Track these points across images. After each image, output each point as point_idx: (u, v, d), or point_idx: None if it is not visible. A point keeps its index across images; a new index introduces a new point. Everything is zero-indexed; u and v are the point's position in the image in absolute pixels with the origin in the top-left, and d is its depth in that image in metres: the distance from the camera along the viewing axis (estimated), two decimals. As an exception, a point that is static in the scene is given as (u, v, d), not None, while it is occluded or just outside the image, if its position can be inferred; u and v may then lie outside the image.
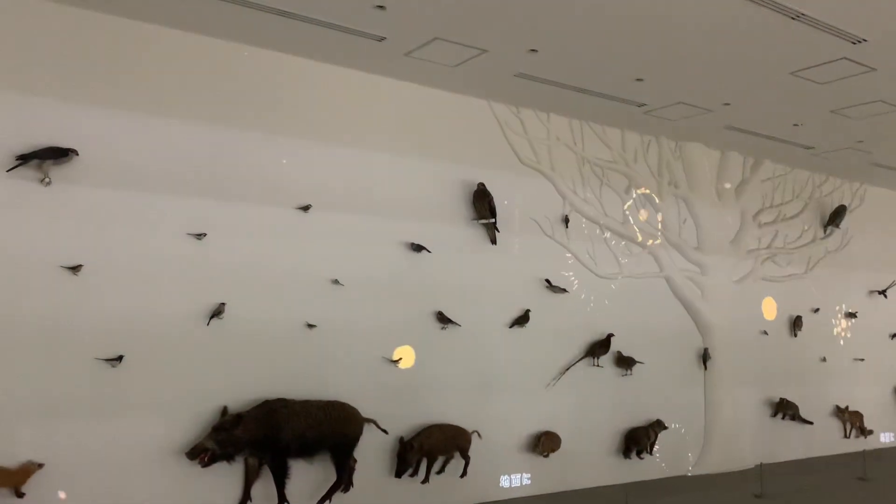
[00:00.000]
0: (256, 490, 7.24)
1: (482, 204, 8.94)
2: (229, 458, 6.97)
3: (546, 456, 9.24)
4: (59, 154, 6.47)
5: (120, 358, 6.64)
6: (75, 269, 6.52)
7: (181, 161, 7.19)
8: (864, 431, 13.25)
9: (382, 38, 7.39)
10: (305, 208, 7.81)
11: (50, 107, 6.58)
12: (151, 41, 7.13)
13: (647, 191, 10.79)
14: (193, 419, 6.99)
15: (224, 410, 7.07)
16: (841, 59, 7.75)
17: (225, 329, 7.24)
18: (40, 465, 6.19)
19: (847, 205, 13.45)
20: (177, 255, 7.07)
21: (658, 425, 10.36)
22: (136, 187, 6.92)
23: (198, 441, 6.86)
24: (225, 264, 7.31)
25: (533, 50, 7.66)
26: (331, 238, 7.96)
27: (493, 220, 8.99)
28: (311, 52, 7.82)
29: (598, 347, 9.94)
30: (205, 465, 6.82)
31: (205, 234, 7.21)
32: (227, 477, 7.10)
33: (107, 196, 6.76)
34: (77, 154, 6.57)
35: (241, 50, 7.60)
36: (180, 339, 7.00)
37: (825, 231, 13.20)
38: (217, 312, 7.16)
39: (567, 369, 9.67)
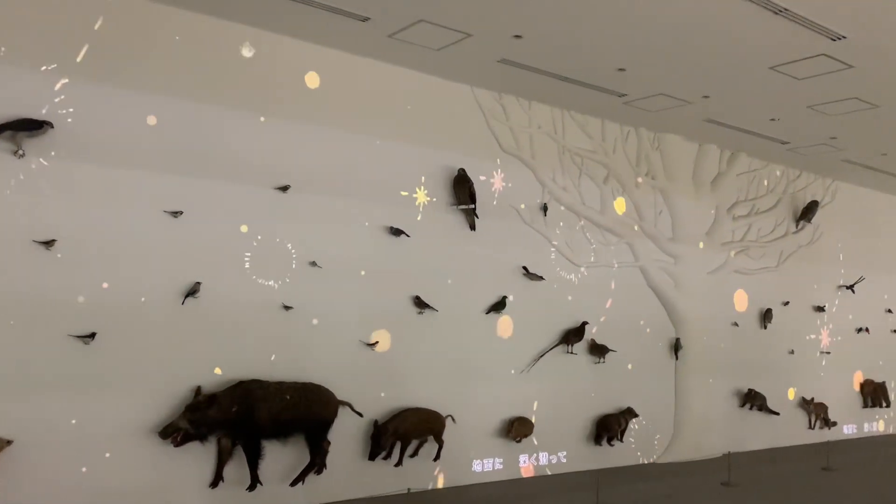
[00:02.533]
0: (229, 470, 7.21)
1: (462, 190, 8.94)
2: (202, 438, 6.93)
3: (518, 441, 9.32)
4: (33, 126, 6.34)
5: (93, 335, 6.55)
6: (48, 243, 6.40)
7: (159, 137, 7.08)
8: (828, 423, 13.55)
9: (366, 19, 7.32)
10: (284, 189, 7.74)
11: (25, 78, 6.43)
12: (130, 14, 6.98)
13: (625, 180, 10.86)
14: (166, 398, 6.93)
15: (198, 390, 7.02)
16: (820, 55, 7.85)
17: (200, 308, 7.17)
18: (9, 442, 6.09)
19: (819, 200, 13.68)
20: (152, 232, 6.97)
21: (629, 413, 10.49)
22: (112, 162, 6.80)
23: (170, 420, 6.81)
24: (201, 243, 7.23)
25: (517, 36, 7.65)
26: (309, 219, 7.91)
27: (472, 206, 9.00)
28: (294, 31, 7.73)
29: (573, 335, 10.02)
30: (177, 444, 6.79)
31: (181, 212, 7.11)
32: (199, 457, 7.06)
33: (82, 170, 6.64)
34: (52, 126, 6.44)
35: (222, 26, 7.49)
36: (155, 317, 6.92)
37: (797, 226, 13.41)
38: (192, 291, 7.08)
39: (541, 356, 9.73)
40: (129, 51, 6.98)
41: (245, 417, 7.07)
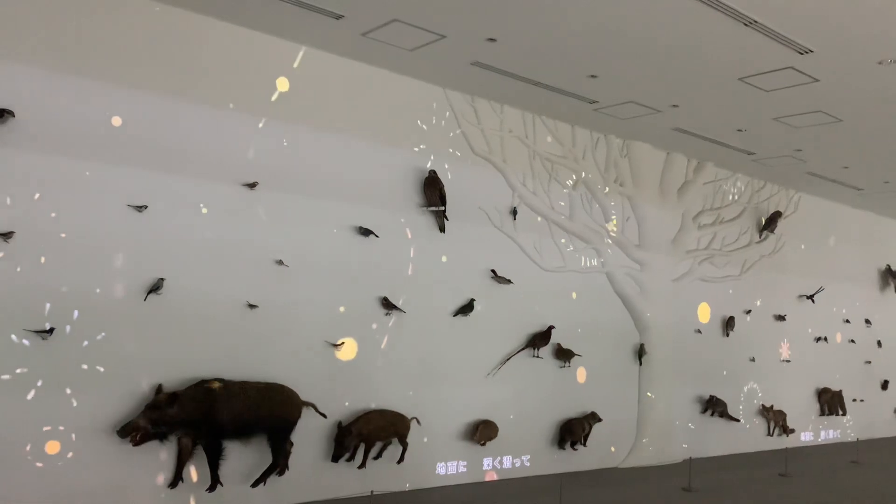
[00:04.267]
0: (189, 471, 7.07)
1: (433, 191, 8.91)
2: (162, 437, 6.80)
3: (483, 444, 9.30)
4: (-7, 114, 6.18)
5: (51, 330, 6.38)
6: (6, 235, 6.23)
7: (125, 129, 6.93)
8: (786, 430, 13.78)
9: (340, 17, 7.26)
10: (252, 185, 7.64)
11: (-15, 64, 6.27)
12: (98, 5, 6.83)
13: (594, 186, 10.93)
14: (126, 396, 6.78)
15: (159, 388, 6.88)
16: (787, 68, 7.98)
17: (163, 305, 7.03)
18: (-40, 439, 5.92)
19: (782, 211, 13.92)
20: (115, 226, 6.82)
21: (593, 417, 10.55)
22: (75, 154, 6.64)
23: (130, 419, 6.66)
24: (165, 238, 7.09)
25: (491, 39, 7.65)
26: (277, 217, 7.82)
27: (442, 209, 8.98)
28: (266, 26, 7.64)
29: (539, 339, 10.05)
30: (136, 443, 6.64)
31: (146, 207, 6.98)
32: (159, 457, 6.92)
33: (44, 161, 6.48)
34: (13, 115, 6.27)
35: (193, 19, 7.36)
36: (116, 313, 6.77)
37: (760, 235, 13.64)
38: (155, 287, 6.95)
39: (507, 359, 9.74)
40: (96, 42, 6.82)
41: (206, 417, 6.95)
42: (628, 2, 6.64)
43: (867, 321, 16.25)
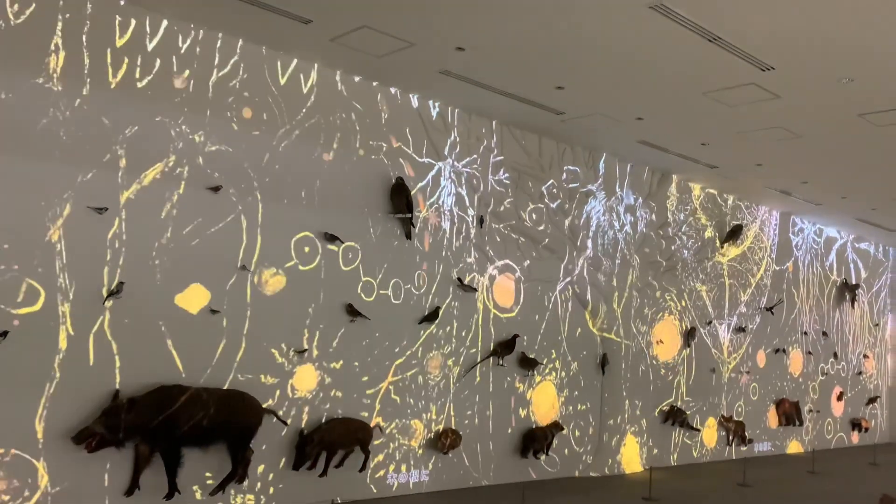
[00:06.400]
0: (146, 478, 6.93)
1: (400, 198, 8.89)
2: (119, 443, 6.66)
3: (446, 453, 9.28)
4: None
5: (4, 334, 6.21)
6: (-40, 235, 6.08)
7: (86, 129, 6.79)
8: (744, 440, 13.98)
9: (309, 21, 7.22)
10: (216, 189, 7.55)
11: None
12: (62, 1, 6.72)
13: (559, 197, 11.01)
14: (82, 402, 6.62)
15: (116, 394, 6.74)
16: (750, 84, 8.13)
17: (122, 309, 6.90)
18: None
19: (743, 224, 14.16)
20: (75, 228, 6.67)
21: (555, 427, 10.59)
22: (35, 154, 6.49)
23: (85, 425, 6.51)
24: (126, 241, 6.96)
25: (459, 48, 7.67)
26: (241, 222, 7.73)
27: (409, 216, 8.96)
28: (232, 29, 7.57)
29: (503, 347, 10.06)
30: (92, 450, 6.50)
31: (106, 209, 6.85)
32: (115, 463, 6.78)
33: (2, 160, 6.32)
34: (-31, 113, 6.13)
35: (158, 20, 7.26)
36: (74, 316, 6.62)
37: (722, 247, 13.85)
38: (115, 291, 6.82)
39: (472, 367, 9.74)
40: (59, 38, 6.68)
41: (165, 423, 6.82)
42: (596, 15, 6.72)
43: (824, 333, 16.59)
